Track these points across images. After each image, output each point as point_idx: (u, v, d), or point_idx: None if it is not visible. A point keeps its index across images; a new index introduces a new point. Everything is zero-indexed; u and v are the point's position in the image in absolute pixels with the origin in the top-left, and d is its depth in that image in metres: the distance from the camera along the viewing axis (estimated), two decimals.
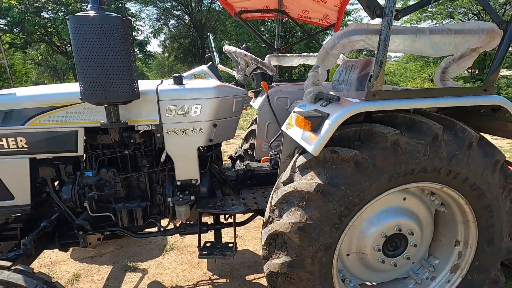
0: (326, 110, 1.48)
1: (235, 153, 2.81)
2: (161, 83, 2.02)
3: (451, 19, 16.62)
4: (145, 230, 2.35)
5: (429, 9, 17.03)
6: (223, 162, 2.62)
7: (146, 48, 19.78)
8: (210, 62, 2.16)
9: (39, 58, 20.30)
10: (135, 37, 20.02)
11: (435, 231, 1.91)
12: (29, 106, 1.80)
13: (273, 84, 2.99)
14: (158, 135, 2.00)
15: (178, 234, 2.27)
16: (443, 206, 1.78)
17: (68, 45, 18.47)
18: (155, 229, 2.30)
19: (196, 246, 3.13)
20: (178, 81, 1.97)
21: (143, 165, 2.06)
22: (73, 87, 1.90)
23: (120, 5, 17.82)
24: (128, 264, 2.84)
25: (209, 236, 2.36)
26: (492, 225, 1.68)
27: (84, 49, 1.54)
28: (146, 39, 19.37)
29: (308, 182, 1.47)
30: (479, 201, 1.62)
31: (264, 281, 2.59)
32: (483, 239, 1.71)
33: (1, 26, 15.91)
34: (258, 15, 3.29)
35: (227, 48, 2.22)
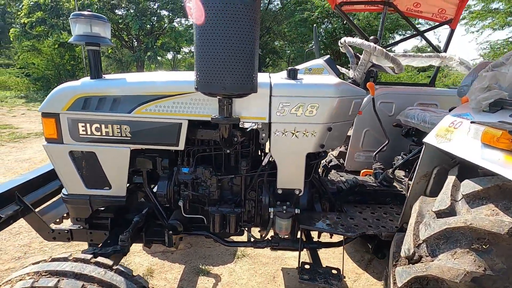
0: None
1: (329, 162, 2.48)
2: (270, 77, 1.77)
3: None
4: (232, 237, 2.15)
5: None
6: None
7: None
8: (328, 56, 1.86)
9: (109, 51, 22.18)
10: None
11: None
12: (137, 93, 1.68)
13: (376, 86, 2.60)
14: (263, 135, 1.76)
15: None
16: None
17: (135, 40, 19.87)
18: (242, 237, 2.08)
19: (269, 256, 2.90)
20: (293, 75, 1.71)
21: (241, 167, 1.84)
22: (183, 76, 1.75)
23: (173, 5, 18.48)
24: (200, 266, 2.69)
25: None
26: None
27: (207, 31, 1.34)
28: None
29: (495, 220, 1.08)
30: None
31: None
32: None
33: None
34: (361, 7, 2.92)
35: (349, 39, 1.90)
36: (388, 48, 3.09)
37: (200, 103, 1.69)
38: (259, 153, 2.02)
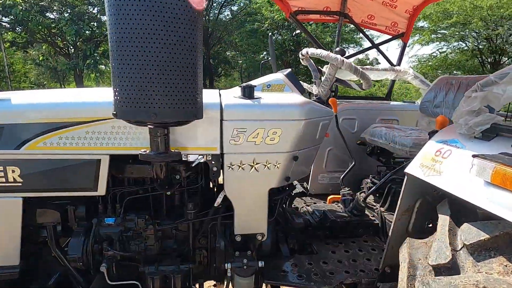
0: None
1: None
2: (220, 95, 1.41)
3: (462, 42, 16.59)
4: None
5: (440, 31, 16.95)
6: None
7: None
8: (289, 70, 1.57)
9: (40, 59, 19.71)
10: None
11: None
12: (30, 120, 1.18)
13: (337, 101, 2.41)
14: (214, 169, 1.37)
15: None
16: None
17: (72, 47, 17.99)
18: None
19: None
20: (249, 93, 1.37)
21: (188, 210, 1.42)
22: (99, 95, 1.30)
23: None
24: None
25: None
26: None
27: (128, 39, 0.94)
28: None
29: None
30: None
31: None
32: None
33: (4, 24, 15.40)
34: (317, 17, 2.75)
35: (312, 51, 1.63)
36: None
37: (125, 131, 1.25)
38: (210, 190, 1.62)
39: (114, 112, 1.04)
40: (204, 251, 1.55)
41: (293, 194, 2.10)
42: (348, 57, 3.35)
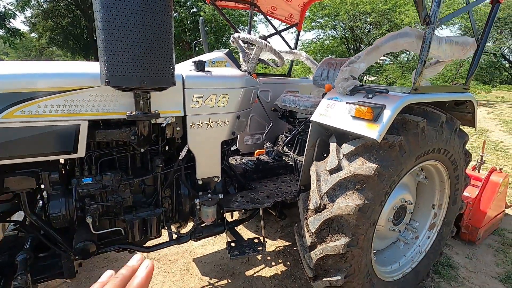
0: (377, 101, 1.66)
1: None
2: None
3: (334, 30, 20.06)
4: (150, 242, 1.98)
5: (318, 20, 19.88)
6: None
7: (9, 23, 15.39)
8: (228, 49, 2.00)
9: None
10: None
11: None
12: (6, 89, 1.25)
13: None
14: (178, 128, 1.74)
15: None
16: (426, 179, 2.27)
17: None
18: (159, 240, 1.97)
19: (176, 253, 2.86)
20: (201, 67, 1.76)
21: (156, 165, 1.74)
22: (75, 67, 1.44)
23: None
24: None
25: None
26: (457, 189, 2.26)
27: (119, 13, 1.19)
28: (10, 12, 15.02)
29: (366, 166, 1.62)
30: (454, 172, 2.17)
31: (265, 273, 2.61)
32: (451, 200, 2.29)
33: None
34: (232, 4, 3.17)
35: (242, 36, 2.09)
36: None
37: (102, 99, 1.46)
38: (167, 149, 1.94)
39: (107, 80, 1.27)
40: (169, 199, 1.89)
41: (232, 150, 2.61)
42: None
